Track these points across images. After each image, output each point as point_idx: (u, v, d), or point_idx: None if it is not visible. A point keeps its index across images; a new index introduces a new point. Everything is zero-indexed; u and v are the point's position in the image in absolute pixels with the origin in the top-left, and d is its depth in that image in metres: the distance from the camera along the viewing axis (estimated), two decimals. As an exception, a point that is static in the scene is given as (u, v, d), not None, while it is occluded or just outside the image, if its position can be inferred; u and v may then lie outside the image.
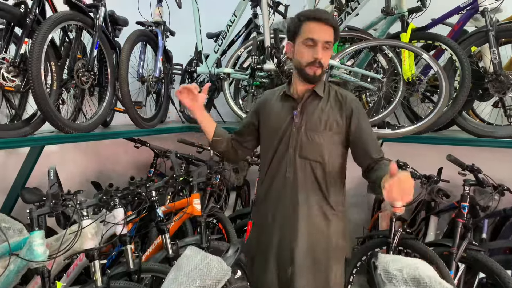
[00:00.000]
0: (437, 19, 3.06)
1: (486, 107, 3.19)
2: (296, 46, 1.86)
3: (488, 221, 2.91)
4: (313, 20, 1.81)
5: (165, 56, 3.48)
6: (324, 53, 1.82)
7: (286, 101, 1.97)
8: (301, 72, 1.86)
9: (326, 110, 1.89)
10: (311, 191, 1.89)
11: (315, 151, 1.87)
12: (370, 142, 1.88)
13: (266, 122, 2.01)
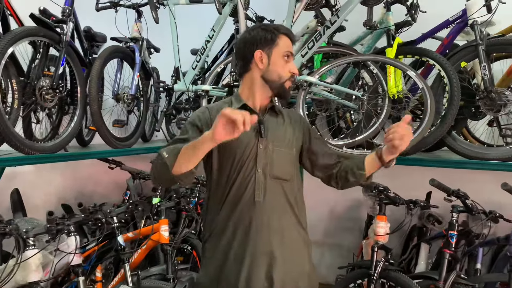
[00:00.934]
0: (426, 33, 2.90)
1: (481, 126, 3.00)
2: (273, 57, 1.76)
3: (483, 250, 2.68)
4: (288, 36, 1.81)
5: (144, 73, 3.36)
6: None
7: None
8: (279, 86, 1.77)
9: (285, 126, 1.84)
10: (285, 215, 1.74)
11: (284, 170, 1.77)
12: (330, 151, 1.94)
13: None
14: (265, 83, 1.77)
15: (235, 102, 1.80)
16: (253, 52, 1.76)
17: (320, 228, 3.92)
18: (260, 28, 1.81)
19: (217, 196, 1.76)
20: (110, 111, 3.19)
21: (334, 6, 3.04)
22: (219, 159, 1.76)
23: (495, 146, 2.64)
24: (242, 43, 1.82)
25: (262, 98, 1.80)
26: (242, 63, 1.82)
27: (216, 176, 1.77)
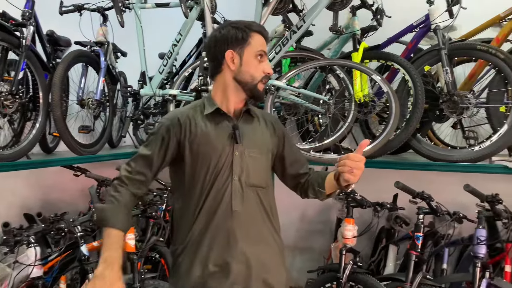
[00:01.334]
0: (391, 38, 2.95)
1: (446, 128, 3.06)
2: (246, 57, 1.67)
3: (449, 250, 2.73)
4: (261, 34, 1.71)
5: (110, 78, 3.29)
6: None
7: (220, 120, 1.70)
8: (253, 87, 1.68)
9: (260, 130, 1.77)
10: (262, 223, 1.68)
11: (261, 177, 1.70)
12: (302, 159, 1.89)
13: (194, 146, 1.66)
14: (237, 84, 1.69)
15: (208, 106, 1.71)
16: (224, 52, 1.67)
17: (292, 232, 3.92)
18: (231, 26, 1.71)
19: (191, 206, 1.66)
20: (75, 117, 3.10)
21: (301, 11, 3.06)
22: (192, 166, 1.67)
23: (458, 148, 2.70)
24: (213, 43, 1.72)
25: (236, 101, 1.72)
26: (213, 64, 1.73)
27: (188, 185, 1.67)
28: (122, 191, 1.61)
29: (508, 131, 2.38)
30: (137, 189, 1.64)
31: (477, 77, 2.73)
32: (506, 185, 2.79)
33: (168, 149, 1.66)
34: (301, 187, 1.85)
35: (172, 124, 1.67)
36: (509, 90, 2.52)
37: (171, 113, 1.79)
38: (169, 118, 1.71)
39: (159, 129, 1.69)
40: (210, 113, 1.69)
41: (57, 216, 2.21)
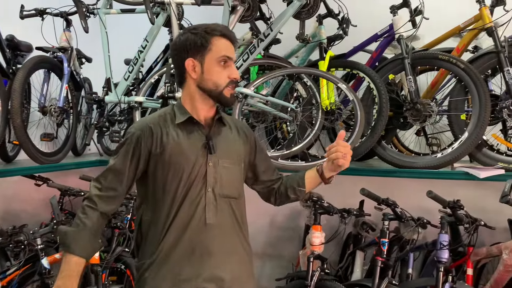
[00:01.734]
0: (356, 47, 3.00)
1: (411, 135, 3.13)
2: (207, 64, 1.60)
3: (414, 255, 2.78)
4: (224, 37, 1.63)
5: (74, 84, 3.21)
6: None
7: (192, 129, 1.63)
8: (218, 94, 1.61)
9: (233, 139, 1.73)
10: (235, 234, 1.65)
11: (234, 187, 1.67)
12: (272, 166, 1.89)
13: (166, 157, 1.59)
14: (203, 92, 1.63)
15: (179, 114, 1.64)
16: (184, 61, 1.61)
17: (261, 238, 3.91)
18: (190, 32, 1.63)
19: (160, 218, 1.59)
20: (36, 124, 3.00)
21: (269, 19, 3.08)
22: (163, 177, 1.59)
23: (422, 155, 2.76)
24: (173, 51, 1.68)
25: (205, 109, 1.66)
26: (177, 72, 1.68)
27: (158, 196, 1.60)
28: (89, 213, 1.55)
29: (468, 138, 2.45)
30: (108, 207, 1.58)
31: (439, 85, 2.82)
32: (467, 190, 2.89)
33: (140, 160, 1.61)
34: (276, 192, 1.84)
35: (143, 133, 1.60)
36: (469, 98, 2.60)
37: (141, 121, 1.70)
38: (139, 127, 1.63)
39: (129, 139, 1.61)
40: (182, 122, 1.63)
41: (15, 228, 2.12)
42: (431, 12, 2.73)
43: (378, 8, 2.90)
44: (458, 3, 2.98)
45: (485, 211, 2.73)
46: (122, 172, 1.59)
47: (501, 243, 2.41)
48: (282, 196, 1.84)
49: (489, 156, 2.55)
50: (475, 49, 2.92)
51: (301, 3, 2.59)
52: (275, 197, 1.85)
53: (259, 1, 2.99)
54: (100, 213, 1.57)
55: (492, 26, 2.52)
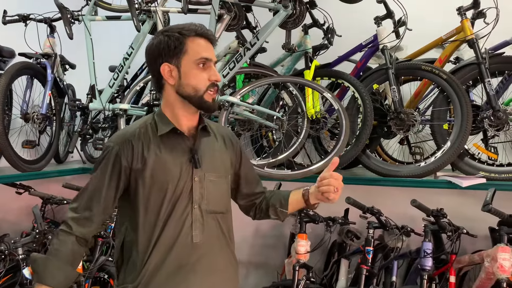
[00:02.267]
0: (341, 56, 3.04)
1: (394, 144, 3.17)
2: (184, 67, 1.48)
3: (398, 263, 2.80)
4: (201, 37, 1.50)
5: (57, 91, 3.17)
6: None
7: (176, 141, 1.52)
8: (198, 99, 1.49)
9: (219, 149, 1.63)
10: (222, 251, 1.57)
11: (221, 202, 1.58)
12: (256, 178, 1.81)
13: (148, 173, 1.48)
14: (183, 99, 1.51)
15: (161, 125, 1.52)
16: (159, 66, 1.49)
17: (246, 247, 3.90)
18: (163, 35, 1.50)
19: (144, 240, 1.47)
20: (18, 131, 2.95)
21: (255, 28, 3.10)
22: (146, 195, 1.48)
23: (406, 164, 2.80)
24: (147, 57, 1.55)
25: (187, 117, 1.54)
26: (154, 79, 1.57)
27: (142, 215, 1.48)
28: (63, 239, 1.46)
29: (451, 147, 2.49)
30: (84, 229, 1.48)
31: (422, 95, 2.86)
32: (449, 198, 2.93)
33: (121, 178, 1.49)
34: (257, 207, 1.76)
35: (122, 148, 1.49)
36: (451, 108, 2.65)
37: (120, 135, 1.56)
38: (118, 142, 1.51)
39: (108, 155, 1.50)
40: (165, 134, 1.52)
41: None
42: (414, 23, 2.78)
43: (362, 19, 2.94)
44: (440, 15, 3.05)
45: (467, 219, 2.77)
46: (99, 191, 1.49)
47: (483, 251, 2.45)
48: (262, 213, 1.75)
49: (471, 165, 2.59)
50: (456, 60, 2.98)
51: (288, 13, 2.61)
52: (255, 212, 1.77)
53: (246, 10, 3.01)
54: (76, 238, 1.47)
55: (473, 38, 2.57)
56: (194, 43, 1.49)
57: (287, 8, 2.56)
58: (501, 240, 2.29)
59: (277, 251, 3.81)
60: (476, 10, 2.66)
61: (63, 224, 1.49)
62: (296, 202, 1.67)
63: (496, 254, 2.24)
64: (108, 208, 1.52)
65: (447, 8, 2.79)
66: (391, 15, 2.82)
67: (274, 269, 3.68)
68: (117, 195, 1.52)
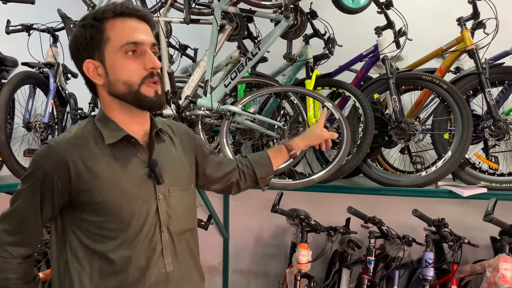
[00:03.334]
0: (342, 66, 3.05)
1: (395, 153, 3.18)
2: (108, 60, 1.21)
3: (399, 272, 2.80)
4: (125, 16, 1.21)
5: (59, 100, 3.18)
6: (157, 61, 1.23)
7: (128, 152, 1.25)
8: (135, 95, 1.21)
9: (178, 154, 1.40)
10: (191, 272, 1.38)
11: (189, 217, 1.38)
12: (222, 159, 1.66)
13: (96, 196, 1.20)
14: (118, 100, 1.24)
15: (108, 131, 1.24)
16: (81, 65, 1.24)
17: (246, 256, 3.89)
18: (80, 25, 1.22)
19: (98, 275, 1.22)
20: (20, 140, 2.96)
21: (256, 38, 3.12)
22: (98, 223, 1.22)
23: (406, 173, 2.80)
24: (71, 57, 1.29)
25: (134, 121, 1.27)
26: (84, 81, 1.31)
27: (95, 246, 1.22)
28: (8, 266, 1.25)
29: (452, 157, 2.50)
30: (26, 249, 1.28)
31: (423, 105, 2.87)
32: (450, 208, 2.94)
33: (55, 203, 1.24)
34: (237, 183, 1.64)
35: (54, 168, 1.20)
36: (452, 118, 2.66)
37: (50, 148, 1.23)
38: (47, 159, 1.21)
39: (33, 175, 1.22)
40: (115, 143, 1.24)
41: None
42: (414, 33, 2.80)
43: (363, 29, 2.96)
44: (440, 25, 3.07)
45: (468, 229, 2.78)
46: (34, 212, 1.23)
47: (485, 261, 2.45)
48: (246, 184, 1.66)
49: (472, 174, 2.59)
50: (457, 70, 3.00)
51: (289, 24, 2.63)
52: (238, 187, 1.65)
53: (247, 20, 3.03)
54: (21, 258, 1.27)
55: (473, 48, 2.59)
56: (116, 26, 1.20)
57: (289, 19, 2.58)
58: (503, 250, 2.29)
59: (278, 260, 3.80)
60: (476, 20, 2.68)
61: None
62: (280, 159, 1.74)
63: (498, 264, 2.23)
64: (46, 224, 1.31)
65: (447, 18, 2.81)
66: (392, 26, 2.83)
67: (275, 278, 3.67)
68: (55, 213, 1.27)
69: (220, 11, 2.76)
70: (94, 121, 1.29)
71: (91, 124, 1.29)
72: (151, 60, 1.22)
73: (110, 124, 1.26)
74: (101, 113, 1.29)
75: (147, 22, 1.25)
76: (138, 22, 1.23)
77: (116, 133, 1.25)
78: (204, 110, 2.73)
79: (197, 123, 2.83)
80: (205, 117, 2.79)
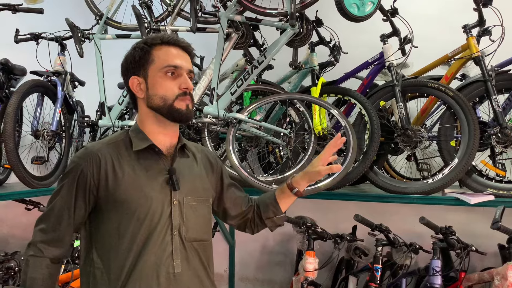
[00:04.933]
0: (347, 73, 3.06)
1: (402, 160, 3.17)
2: (151, 78, 1.41)
3: (406, 280, 2.78)
4: (170, 45, 1.44)
5: (67, 108, 3.21)
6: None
7: (151, 160, 1.42)
8: (168, 109, 1.40)
9: (199, 172, 1.53)
10: (202, 278, 1.45)
11: (201, 228, 1.47)
12: (242, 194, 1.69)
13: (119, 196, 1.36)
14: (155, 112, 1.43)
15: (137, 140, 1.42)
16: (128, 80, 1.45)
17: (252, 264, 3.89)
18: (131, 49, 1.47)
19: (114, 269, 1.34)
20: (28, 148, 2.98)
21: (262, 46, 3.14)
22: (117, 219, 1.36)
23: (413, 180, 2.79)
24: (121, 74, 1.50)
25: (164, 134, 1.45)
26: (129, 95, 1.51)
27: (112, 243, 1.35)
28: (37, 265, 1.34)
29: (458, 164, 2.49)
30: (57, 251, 1.38)
31: (429, 112, 2.87)
32: (457, 215, 2.93)
33: (88, 197, 1.38)
34: (251, 222, 1.68)
35: (89, 164, 1.37)
36: (458, 125, 2.66)
37: (88, 149, 1.42)
38: (85, 157, 1.39)
39: (73, 172, 1.38)
40: (140, 150, 1.42)
41: (8, 255, 2.09)
42: (420, 41, 2.81)
43: (368, 36, 2.98)
44: (446, 32, 3.07)
45: (475, 236, 2.77)
46: (68, 210, 1.36)
47: (493, 269, 2.43)
48: (258, 226, 1.69)
49: (479, 182, 2.58)
50: (463, 77, 3.00)
51: (295, 32, 2.65)
52: (251, 228, 1.69)
53: (253, 29, 3.05)
54: (50, 260, 1.37)
55: (479, 55, 2.59)
56: (161, 51, 1.43)
57: (294, 27, 2.60)
58: (511, 258, 2.28)
59: (284, 268, 3.79)
60: (481, 27, 2.68)
61: (30, 248, 1.38)
62: (286, 199, 1.65)
63: (506, 272, 2.22)
64: (78, 227, 1.42)
65: (452, 25, 2.82)
66: (397, 33, 2.84)
67: (280, 286, 3.66)
68: (86, 213, 1.40)
69: (226, 20, 2.78)
70: (128, 132, 1.48)
71: (125, 134, 1.48)
72: (186, 82, 1.42)
73: (140, 134, 1.44)
74: (135, 125, 1.49)
75: (188, 52, 1.48)
76: (180, 51, 1.45)
77: (143, 142, 1.42)
78: (210, 117, 2.75)
79: (203, 131, 2.84)
80: (211, 124, 2.81)
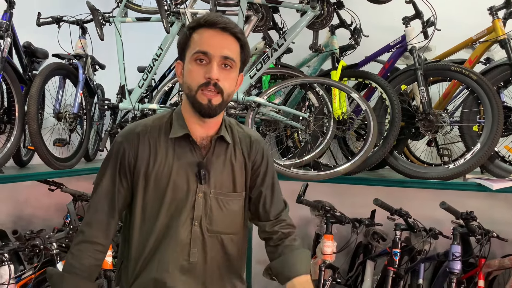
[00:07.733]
0: (368, 57, 3.02)
1: (422, 145, 3.14)
2: (186, 65, 1.33)
3: (424, 265, 2.77)
4: (206, 27, 1.30)
5: (88, 91, 3.25)
6: (223, 73, 1.30)
7: (186, 149, 1.39)
8: (193, 101, 1.32)
9: (235, 162, 1.45)
10: (224, 270, 1.44)
11: (227, 222, 1.43)
12: (273, 199, 1.53)
13: (151, 177, 1.37)
14: (188, 101, 1.37)
15: (177, 126, 1.38)
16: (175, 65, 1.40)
17: (269, 247, 3.91)
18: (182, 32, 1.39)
19: (136, 254, 1.39)
20: (51, 130, 3.04)
21: (281, 29, 3.11)
22: (145, 199, 1.38)
23: (434, 165, 2.76)
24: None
25: (199, 124, 1.39)
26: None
27: (137, 223, 1.39)
28: (80, 250, 1.35)
29: (481, 149, 2.45)
30: (101, 233, 1.38)
31: (451, 96, 2.83)
32: (478, 201, 2.89)
33: (128, 174, 1.38)
34: (269, 245, 1.52)
35: (129, 143, 1.37)
36: (482, 110, 2.61)
37: (131, 128, 1.42)
38: (126, 136, 1.39)
39: (115, 150, 1.39)
40: (176, 138, 1.38)
41: (33, 233, 2.15)
42: (443, 23, 2.74)
43: (390, 19, 2.92)
44: (470, 15, 3.00)
45: (496, 222, 2.73)
46: (112, 191, 1.38)
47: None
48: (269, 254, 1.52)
49: (502, 167, 2.55)
50: (487, 60, 2.93)
51: (315, 14, 2.61)
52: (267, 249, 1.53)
53: (273, 11, 3.02)
54: (95, 247, 1.37)
55: (505, 38, 2.53)
56: (197, 35, 1.31)
57: (315, 9, 2.57)
58: (533, 245, 2.25)
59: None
60: (508, 9, 2.61)
61: (78, 233, 1.40)
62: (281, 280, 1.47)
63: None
64: (123, 208, 1.43)
65: (477, 8, 2.74)
66: (420, 16, 2.78)
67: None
68: (129, 193, 1.41)
69: (246, 2, 2.76)
70: (172, 114, 1.44)
71: (169, 115, 1.44)
72: (209, 70, 1.28)
73: (180, 120, 1.40)
74: (179, 108, 1.44)
75: (226, 32, 1.31)
76: (218, 33, 1.30)
77: (180, 130, 1.38)
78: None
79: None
80: (230, 108, 2.82)
